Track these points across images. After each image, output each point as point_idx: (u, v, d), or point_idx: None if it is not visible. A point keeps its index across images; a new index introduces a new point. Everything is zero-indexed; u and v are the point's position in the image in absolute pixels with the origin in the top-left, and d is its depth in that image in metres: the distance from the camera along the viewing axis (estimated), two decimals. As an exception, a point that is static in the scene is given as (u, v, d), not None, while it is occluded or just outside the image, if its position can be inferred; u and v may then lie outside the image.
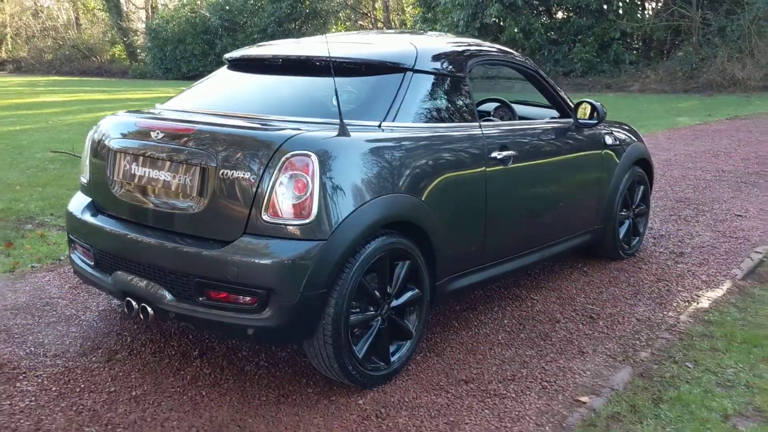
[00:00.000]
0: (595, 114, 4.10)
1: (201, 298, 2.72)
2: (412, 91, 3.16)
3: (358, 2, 34.28)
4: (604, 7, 21.74)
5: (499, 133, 3.54)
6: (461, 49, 3.65)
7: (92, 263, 3.17)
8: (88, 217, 3.19)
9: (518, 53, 4.16)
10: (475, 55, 3.66)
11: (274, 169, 2.62)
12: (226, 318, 2.69)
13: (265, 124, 2.94)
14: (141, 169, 2.97)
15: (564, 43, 22.23)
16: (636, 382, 2.97)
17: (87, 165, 3.32)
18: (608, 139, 4.36)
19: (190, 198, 2.80)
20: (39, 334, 3.38)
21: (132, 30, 36.73)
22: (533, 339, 3.42)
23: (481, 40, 4.18)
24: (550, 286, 4.18)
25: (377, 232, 2.81)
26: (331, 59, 3.09)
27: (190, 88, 3.67)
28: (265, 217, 2.64)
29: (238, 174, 2.67)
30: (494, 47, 3.97)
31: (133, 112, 3.41)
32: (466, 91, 3.44)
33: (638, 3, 22.57)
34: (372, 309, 2.87)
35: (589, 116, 4.12)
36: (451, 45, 3.70)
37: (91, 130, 3.36)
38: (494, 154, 3.37)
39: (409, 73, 3.19)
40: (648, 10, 22.97)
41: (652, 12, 22.54)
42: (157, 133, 2.92)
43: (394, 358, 2.97)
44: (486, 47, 3.88)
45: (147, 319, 2.87)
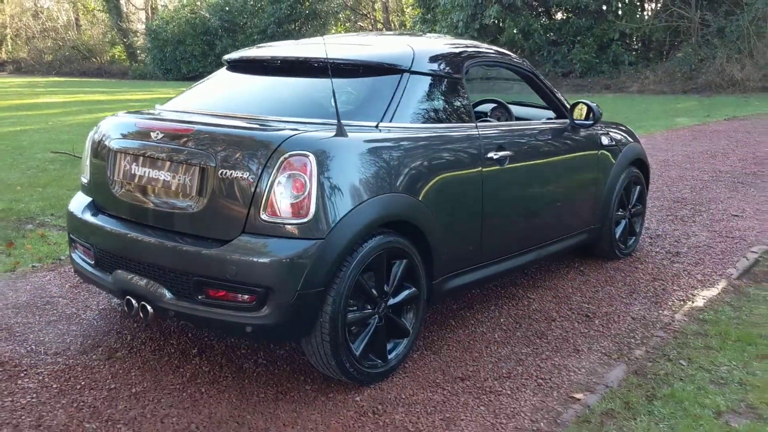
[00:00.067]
0: (591, 115, 4.13)
1: (200, 297, 2.75)
2: (409, 92, 3.19)
3: (358, 3, 34.31)
4: (603, 8, 21.80)
5: (495, 134, 3.57)
6: (458, 50, 3.68)
7: (93, 262, 3.20)
8: (89, 217, 3.22)
9: (515, 55, 4.19)
10: (472, 56, 3.69)
11: (273, 169, 2.65)
12: (225, 316, 2.72)
13: (264, 125, 2.97)
14: (141, 169, 3.00)
15: (563, 44, 22.27)
16: (630, 380, 3.01)
17: (87, 165, 3.35)
18: (604, 140, 4.39)
19: (190, 197, 2.83)
20: (40, 333, 3.42)
21: (132, 31, 36.75)
22: (529, 337, 3.46)
23: (479, 42, 4.22)
24: (546, 285, 4.21)
25: (374, 231, 2.85)
26: (328, 60, 3.12)
27: (190, 89, 3.70)
28: (264, 217, 2.67)
29: (236, 174, 2.70)
30: (491, 49, 4.01)
31: (133, 113, 3.43)
32: (462, 92, 3.47)
33: (637, 4, 22.62)
34: (369, 307, 2.90)
35: (585, 117, 4.15)
36: (448, 46, 3.74)
37: (91, 130, 3.39)
38: (491, 155, 3.41)
39: (406, 75, 3.22)
40: (647, 11, 23.01)
41: (651, 13, 22.57)
42: (157, 134, 2.95)
43: (391, 355, 3.01)
44: (483, 49, 3.91)
45: (147, 318, 2.90)
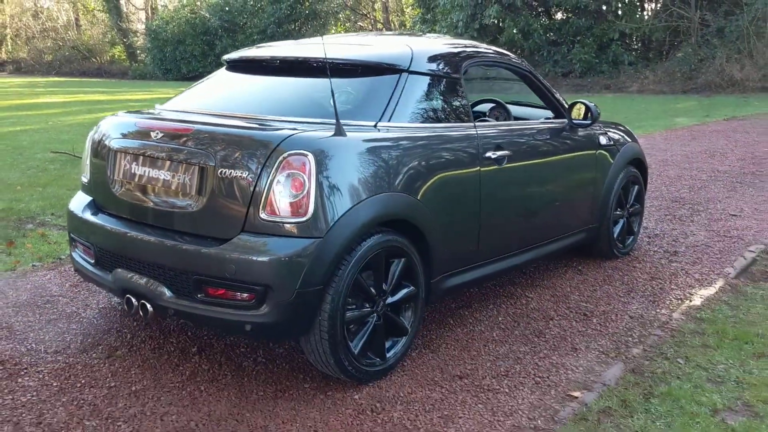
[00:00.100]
0: (589, 114, 4.15)
1: (199, 295, 2.76)
2: (407, 92, 3.21)
3: (358, 3, 34.33)
4: (603, 8, 21.83)
5: (493, 133, 3.59)
6: (457, 50, 3.70)
7: (93, 261, 3.22)
8: (89, 216, 3.23)
9: (514, 55, 4.20)
10: (471, 56, 3.71)
11: (272, 168, 2.67)
12: (225, 314, 2.74)
13: (263, 124, 2.98)
14: (141, 169, 3.01)
15: (563, 44, 22.30)
16: (627, 378, 3.02)
17: (88, 165, 3.37)
18: (602, 139, 4.41)
19: (189, 197, 2.85)
20: (40, 331, 3.43)
21: (132, 31, 36.77)
22: (527, 336, 3.47)
23: (477, 42, 4.23)
24: (544, 284, 4.23)
25: (373, 230, 2.86)
26: (327, 60, 3.13)
27: (190, 89, 3.72)
28: (263, 216, 2.69)
29: (236, 173, 2.72)
30: (490, 49, 4.02)
31: (133, 113, 3.45)
32: (461, 92, 3.49)
33: (637, 4, 22.66)
34: (368, 306, 2.92)
35: (584, 117, 4.16)
36: (447, 47, 3.75)
37: (91, 130, 3.41)
38: (489, 154, 3.42)
39: (405, 74, 3.24)
40: (647, 11, 23.05)
41: (651, 13, 22.61)
42: (157, 133, 2.97)
43: (390, 354, 3.02)
44: (482, 49, 3.92)
45: (146, 316, 2.92)
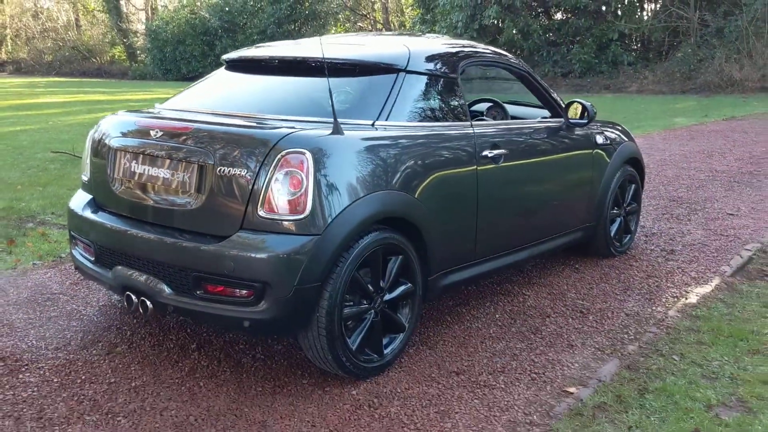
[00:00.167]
0: (585, 114, 4.18)
1: (199, 292, 2.79)
2: (404, 91, 3.24)
3: (357, 4, 34.35)
4: (603, 9, 21.86)
5: (490, 132, 3.61)
6: (454, 50, 3.72)
7: (93, 259, 3.25)
8: (89, 214, 3.26)
9: (511, 55, 4.23)
10: (468, 56, 3.73)
11: (270, 166, 2.70)
12: (223, 311, 2.77)
13: (262, 123, 3.01)
14: (141, 167, 3.04)
15: (562, 45, 22.34)
16: (623, 374, 3.05)
17: (88, 163, 3.40)
18: (599, 139, 4.44)
19: (189, 195, 2.88)
20: (41, 328, 3.46)
21: (132, 31, 36.80)
22: (524, 333, 3.50)
23: (475, 42, 4.26)
24: (541, 281, 4.26)
25: (370, 227, 2.89)
26: (325, 60, 3.16)
27: (189, 89, 3.74)
28: (261, 213, 2.72)
29: (234, 171, 2.75)
30: (488, 49, 4.05)
31: (133, 112, 3.47)
32: (458, 92, 3.51)
33: (636, 4, 22.69)
34: (365, 302, 2.95)
35: (580, 116, 4.20)
36: (444, 47, 3.78)
37: (91, 129, 3.44)
38: (485, 153, 3.45)
39: (402, 74, 3.27)
40: (646, 12, 23.08)
41: (650, 13, 22.65)
42: (157, 132, 3.00)
43: (387, 350, 3.05)
44: (480, 49, 3.95)
45: (146, 313, 2.95)
